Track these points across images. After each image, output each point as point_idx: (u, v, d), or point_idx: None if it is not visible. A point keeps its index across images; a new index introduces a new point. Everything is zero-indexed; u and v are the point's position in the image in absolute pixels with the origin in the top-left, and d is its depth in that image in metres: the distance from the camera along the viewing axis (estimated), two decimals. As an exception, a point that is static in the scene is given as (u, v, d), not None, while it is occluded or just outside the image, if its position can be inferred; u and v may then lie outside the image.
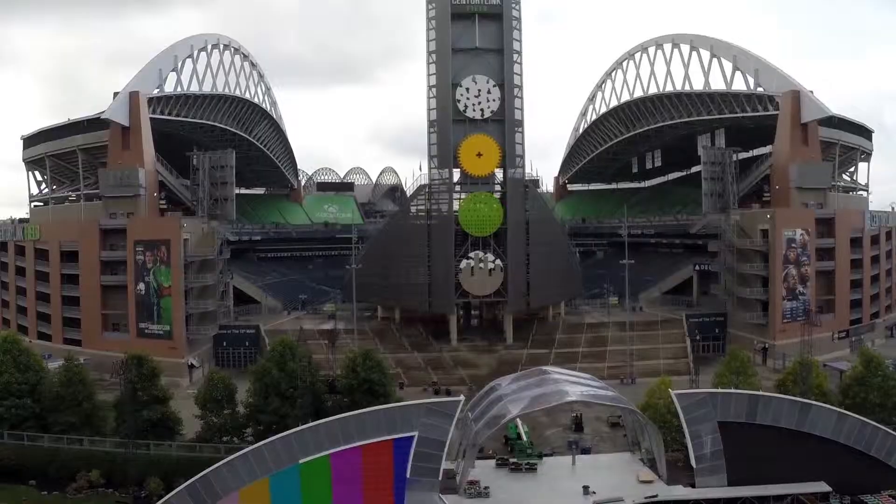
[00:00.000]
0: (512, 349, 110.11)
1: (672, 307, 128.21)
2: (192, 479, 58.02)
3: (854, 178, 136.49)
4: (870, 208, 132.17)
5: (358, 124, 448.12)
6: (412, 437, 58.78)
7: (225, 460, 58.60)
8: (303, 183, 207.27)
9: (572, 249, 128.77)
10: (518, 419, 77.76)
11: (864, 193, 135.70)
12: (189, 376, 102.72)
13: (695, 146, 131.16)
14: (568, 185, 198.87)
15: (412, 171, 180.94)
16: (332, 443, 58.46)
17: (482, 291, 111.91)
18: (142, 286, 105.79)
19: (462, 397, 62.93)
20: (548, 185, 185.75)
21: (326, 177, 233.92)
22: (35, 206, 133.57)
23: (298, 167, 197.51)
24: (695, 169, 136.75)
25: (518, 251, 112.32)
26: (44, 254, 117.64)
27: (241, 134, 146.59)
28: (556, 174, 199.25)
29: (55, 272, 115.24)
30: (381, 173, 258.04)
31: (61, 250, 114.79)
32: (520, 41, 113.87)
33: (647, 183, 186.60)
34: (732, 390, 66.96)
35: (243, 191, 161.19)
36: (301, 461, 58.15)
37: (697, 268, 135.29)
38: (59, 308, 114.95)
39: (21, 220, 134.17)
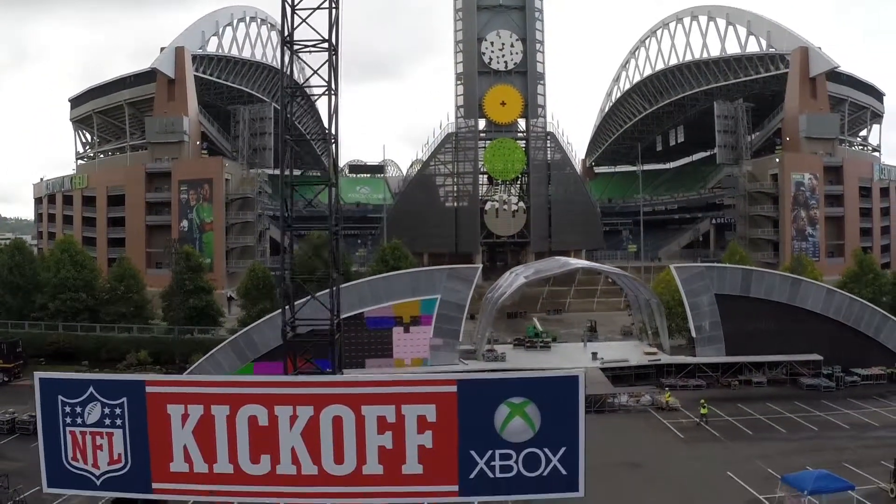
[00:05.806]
0: (533, 286, 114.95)
1: (689, 259, 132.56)
2: (235, 334, 63.88)
3: (866, 139, 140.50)
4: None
5: (388, 123, 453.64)
6: (435, 298, 64.64)
7: (266, 317, 64.07)
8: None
9: (593, 201, 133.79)
10: (536, 321, 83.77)
11: (877, 154, 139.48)
12: (228, 308, 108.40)
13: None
14: (594, 168, 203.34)
15: (439, 122, 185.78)
16: (363, 303, 64.31)
17: (506, 231, 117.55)
18: (185, 223, 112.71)
19: (480, 265, 68.78)
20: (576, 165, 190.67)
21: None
22: (80, 163, 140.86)
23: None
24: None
25: (540, 194, 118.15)
26: (91, 200, 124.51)
27: (277, 106, 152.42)
28: (582, 157, 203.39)
29: (101, 216, 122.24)
30: (411, 164, 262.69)
31: (108, 195, 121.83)
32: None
33: (672, 164, 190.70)
34: (727, 265, 72.01)
35: (276, 171, 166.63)
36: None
37: (714, 222, 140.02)
38: (106, 249, 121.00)
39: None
